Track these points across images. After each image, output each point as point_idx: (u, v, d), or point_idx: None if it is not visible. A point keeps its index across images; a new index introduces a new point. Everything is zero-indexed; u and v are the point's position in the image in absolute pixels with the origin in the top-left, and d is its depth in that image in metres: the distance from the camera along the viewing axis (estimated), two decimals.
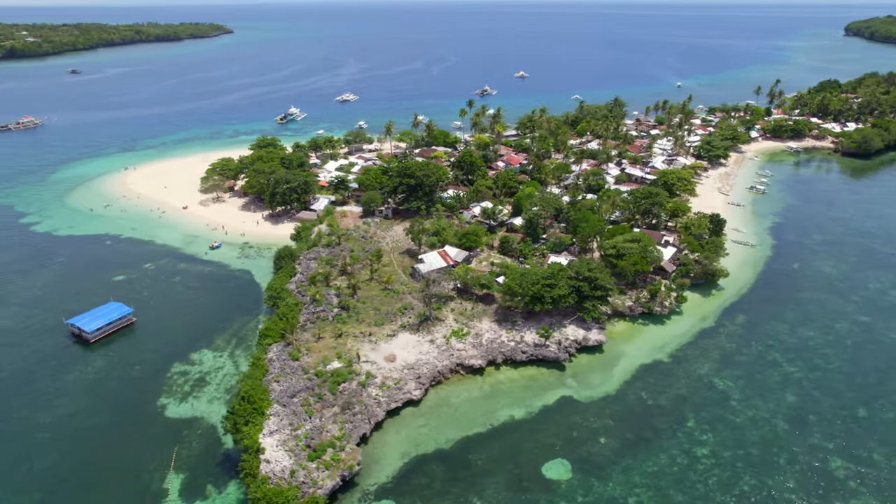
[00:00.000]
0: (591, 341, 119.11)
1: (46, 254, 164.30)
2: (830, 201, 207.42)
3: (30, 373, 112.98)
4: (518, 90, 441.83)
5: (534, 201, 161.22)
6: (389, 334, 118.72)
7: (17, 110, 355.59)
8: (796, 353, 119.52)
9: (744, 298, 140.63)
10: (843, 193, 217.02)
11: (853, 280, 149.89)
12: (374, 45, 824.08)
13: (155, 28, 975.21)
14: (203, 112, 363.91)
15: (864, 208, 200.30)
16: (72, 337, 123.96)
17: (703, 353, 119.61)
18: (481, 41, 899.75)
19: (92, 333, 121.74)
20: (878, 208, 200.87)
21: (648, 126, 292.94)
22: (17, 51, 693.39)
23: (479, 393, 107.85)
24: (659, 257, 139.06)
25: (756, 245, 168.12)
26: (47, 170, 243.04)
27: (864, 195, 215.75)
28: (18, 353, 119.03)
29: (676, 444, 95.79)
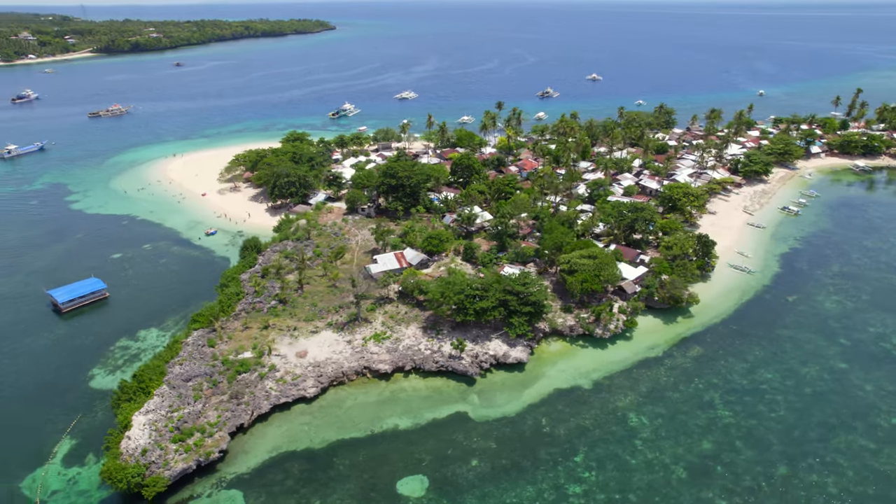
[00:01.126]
0: (510, 358, 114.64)
1: (69, 230, 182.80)
2: (873, 228, 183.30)
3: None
4: (583, 93, 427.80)
5: (504, 209, 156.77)
6: (313, 331, 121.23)
7: (120, 98, 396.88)
8: (739, 396, 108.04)
9: (710, 330, 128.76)
10: (894, 221, 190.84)
11: (852, 321, 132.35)
12: (459, 43, 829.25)
13: (263, 24, 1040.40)
14: (266, 105, 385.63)
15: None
16: (50, 306, 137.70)
17: (632, 384, 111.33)
18: (566, 41, 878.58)
19: (63, 304, 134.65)
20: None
21: (695, 136, 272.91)
22: (140, 45, 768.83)
23: (375, 398, 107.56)
24: (617, 276, 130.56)
25: (754, 272, 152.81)
26: (110, 153, 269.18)
27: None
28: (1, 316, 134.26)
29: (551, 477, 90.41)
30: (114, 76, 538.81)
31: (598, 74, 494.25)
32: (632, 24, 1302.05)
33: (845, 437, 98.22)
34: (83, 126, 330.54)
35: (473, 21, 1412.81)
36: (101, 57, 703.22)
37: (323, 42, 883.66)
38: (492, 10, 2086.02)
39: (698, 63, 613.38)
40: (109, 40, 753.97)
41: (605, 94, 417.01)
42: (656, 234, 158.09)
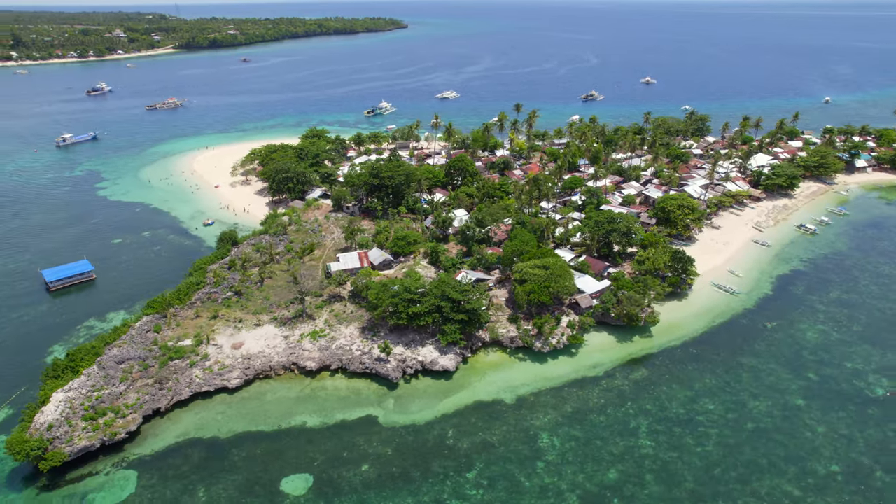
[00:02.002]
0: (437, 366, 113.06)
1: (87, 215, 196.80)
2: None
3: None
4: (631, 97, 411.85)
5: (474, 214, 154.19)
6: (257, 324, 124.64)
7: (185, 92, 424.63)
8: (669, 426, 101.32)
9: (666, 352, 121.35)
10: None
11: (831, 353, 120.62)
12: (521, 43, 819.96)
13: (336, 22, 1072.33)
14: (308, 101, 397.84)
15: None
16: (43, 285, 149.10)
17: (558, 402, 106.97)
18: (634, 44, 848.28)
19: (51, 283, 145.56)
20: None
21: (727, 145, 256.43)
22: (217, 42, 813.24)
23: (296, 394, 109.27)
24: (569, 289, 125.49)
25: (739, 293, 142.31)
26: (151, 144, 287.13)
27: None
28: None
29: (436, 491, 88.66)
30: (184, 71, 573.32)
31: (652, 78, 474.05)
32: (708, 26, 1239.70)
33: (770, 482, 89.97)
34: (139, 117, 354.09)
35: (545, 21, 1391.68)
36: (181, 53, 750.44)
37: (389, 40, 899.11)
38: (567, 9, 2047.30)
39: (769, 67, 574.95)
40: (190, 37, 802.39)
41: (654, 99, 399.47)
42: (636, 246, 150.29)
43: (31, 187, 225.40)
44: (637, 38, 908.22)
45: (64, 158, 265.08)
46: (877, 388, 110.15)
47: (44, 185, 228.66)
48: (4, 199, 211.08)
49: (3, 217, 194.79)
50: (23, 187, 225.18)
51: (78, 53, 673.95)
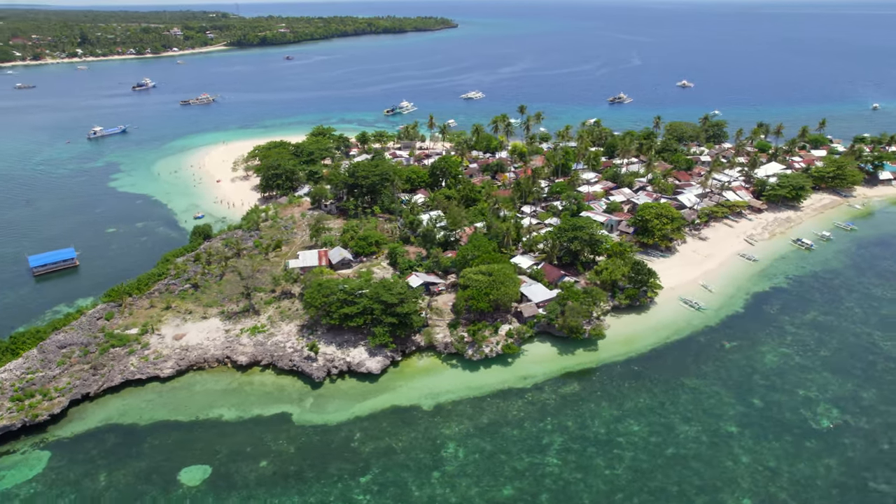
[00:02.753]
0: (363, 368, 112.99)
1: (92, 204, 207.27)
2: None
3: None
4: (662, 100, 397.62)
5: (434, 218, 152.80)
6: (204, 317, 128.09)
7: (226, 88, 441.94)
8: (584, 446, 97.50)
9: (606, 367, 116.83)
10: None
11: (785, 379, 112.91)
12: (566, 44, 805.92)
13: (385, 21, 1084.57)
14: (335, 99, 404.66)
15: None
16: (29, 270, 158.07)
17: (475, 413, 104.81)
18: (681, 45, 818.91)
19: (34, 269, 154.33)
20: None
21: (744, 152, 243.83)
22: (267, 40, 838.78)
23: (222, 387, 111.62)
24: (511, 296, 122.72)
25: (706, 309, 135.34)
26: (173, 138, 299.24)
27: None
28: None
29: (325, 493, 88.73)
30: (229, 68, 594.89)
31: (689, 81, 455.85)
32: (768, 27, 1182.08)
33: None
34: (172, 112, 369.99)
35: (604, 21, 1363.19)
36: (232, 50, 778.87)
37: (434, 39, 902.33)
38: (632, 10, 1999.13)
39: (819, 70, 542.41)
40: (241, 35, 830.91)
41: (684, 102, 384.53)
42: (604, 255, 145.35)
43: (51, 177, 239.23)
44: (690, 40, 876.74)
45: (90, 150, 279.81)
46: (823, 420, 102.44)
47: (63, 174, 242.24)
48: (23, 187, 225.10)
49: (16, 204, 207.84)
50: (43, 176, 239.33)
51: (136, 50, 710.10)
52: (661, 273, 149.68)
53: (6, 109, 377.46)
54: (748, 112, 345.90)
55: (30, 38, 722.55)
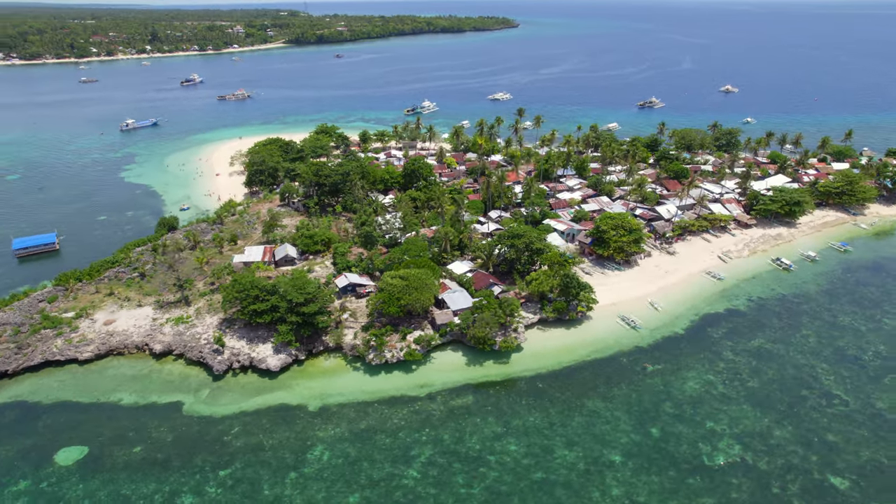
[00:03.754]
0: (263, 364, 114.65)
1: (95, 193, 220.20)
2: (875, 305, 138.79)
3: None
4: (696, 106, 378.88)
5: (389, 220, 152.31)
6: (139, 304, 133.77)
7: (268, 85, 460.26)
8: (452, 461, 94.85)
9: (508, 383, 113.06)
10: None
11: (698, 409, 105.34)
12: (620, 46, 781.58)
13: (444, 20, 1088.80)
14: (361, 97, 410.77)
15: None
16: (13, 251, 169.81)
17: (357, 417, 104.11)
18: (739, 47, 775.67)
19: (16, 250, 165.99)
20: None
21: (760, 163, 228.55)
22: (324, 38, 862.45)
23: (133, 372, 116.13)
24: (422, 303, 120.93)
25: (641, 329, 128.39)
26: (196, 131, 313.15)
27: None
28: None
29: (181, 482, 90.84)
30: (279, 65, 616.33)
31: (733, 86, 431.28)
32: (842, 27, 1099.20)
33: None
34: (207, 107, 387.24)
35: (666, 22, 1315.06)
36: (290, 48, 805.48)
37: (489, 39, 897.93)
38: (699, 10, 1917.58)
39: (888, 74, 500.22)
40: (300, 33, 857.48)
41: (719, 109, 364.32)
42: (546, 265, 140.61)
43: (73, 165, 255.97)
44: (757, 42, 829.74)
45: (117, 141, 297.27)
46: (719, 456, 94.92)
47: (84, 163, 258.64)
48: (42, 174, 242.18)
49: (30, 189, 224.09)
50: (66, 165, 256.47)
51: (199, 47, 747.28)
52: (612, 287, 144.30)
53: (65, 102, 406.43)
54: (786, 120, 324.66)
55: (107, 36, 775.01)
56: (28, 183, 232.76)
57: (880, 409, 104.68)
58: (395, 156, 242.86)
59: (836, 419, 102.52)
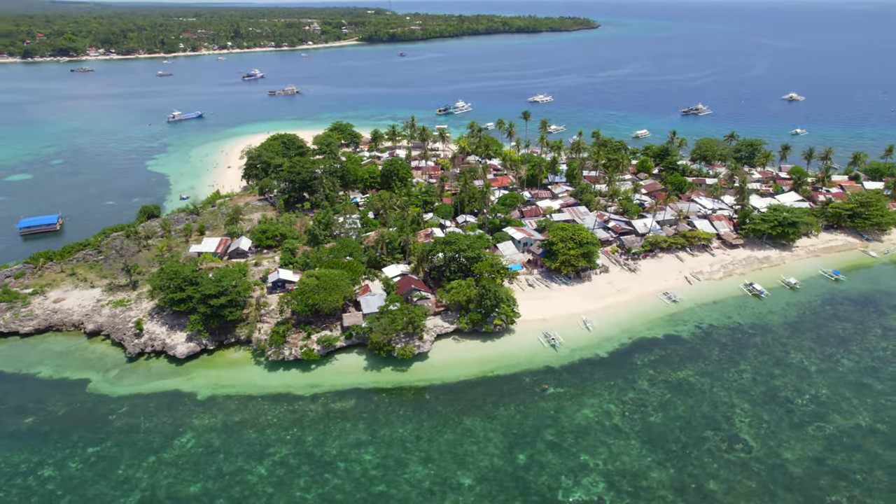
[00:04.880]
0: (173, 350, 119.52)
1: (115, 179, 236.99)
2: (838, 343, 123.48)
3: None
4: (749, 115, 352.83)
5: (317, 217, 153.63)
6: (92, 286, 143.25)
7: (323, 81, 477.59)
8: (301, 462, 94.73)
9: (397, 391, 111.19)
10: (881, 349, 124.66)
11: (580, 442, 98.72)
12: (695, 50, 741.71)
13: (520, 20, 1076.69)
14: (402, 96, 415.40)
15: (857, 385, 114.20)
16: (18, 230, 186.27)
17: (237, 410, 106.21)
18: (831, 52, 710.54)
19: (20, 229, 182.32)
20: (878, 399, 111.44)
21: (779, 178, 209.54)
22: (396, 36, 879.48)
23: (61, 348, 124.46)
24: (331, 304, 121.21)
25: (560, 347, 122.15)
26: (234, 124, 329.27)
27: None
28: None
29: (51, 454, 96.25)
30: (343, 62, 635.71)
31: (799, 94, 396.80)
32: None
33: None
34: (256, 101, 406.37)
35: (756, 25, 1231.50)
36: (362, 45, 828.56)
37: (562, 40, 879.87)
38: (800, 10, 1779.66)
39: None
40: (373, 31, 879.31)
41: (773, 118, 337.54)
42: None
43: (111, 153, 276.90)
44: (850, 45, 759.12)
45: (160, 132, 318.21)
46: (577, 492, 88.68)
47: (121, 151, 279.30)
48: (83, 160, 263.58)
49: (66, 173, 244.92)
50: (106, 152, 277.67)
51: (275, 44, 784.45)
52: (551, 302, 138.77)
53: (134, 94, 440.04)
54: (844, 133, 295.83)
55: (196, 33, 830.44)
56: (67, 168, 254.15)
57: (785, 460, 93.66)
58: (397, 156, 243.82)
59: (728, 466, 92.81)
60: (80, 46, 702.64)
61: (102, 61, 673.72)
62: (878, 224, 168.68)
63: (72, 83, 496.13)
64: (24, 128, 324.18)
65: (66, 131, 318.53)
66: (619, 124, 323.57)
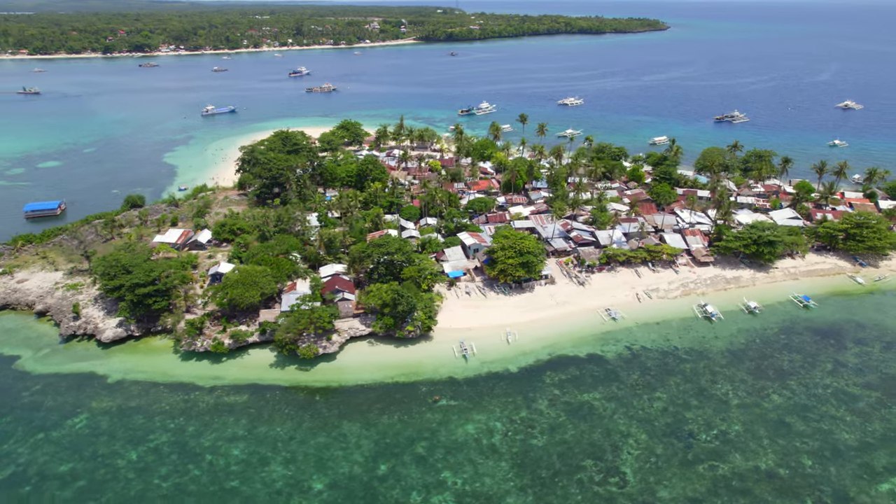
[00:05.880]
0: (101, 335, 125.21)
1: (130, 169, 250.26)
2: (778, 376, 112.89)
3: None
4: (792, 124, 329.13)
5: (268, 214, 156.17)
6: (56, 269, 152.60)
7: (363, 80, 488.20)
8: (171, 451, 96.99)
9: (293, 390, 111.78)
10: (828, 387, 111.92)
11: (452, 457, 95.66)
12: (758, 54, 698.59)
13: (583, 21, 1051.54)
14: (432, 95, 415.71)
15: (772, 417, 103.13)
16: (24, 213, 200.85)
17: (136, 394, 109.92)
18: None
19: (26, 212, 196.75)
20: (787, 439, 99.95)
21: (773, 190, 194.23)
22: (453, 35, 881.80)
23: (10, 325, 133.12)
24: (248, 299, 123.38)
25: (470, 359, 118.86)
26: (262, 119, 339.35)
27: None
28: None
29: None
30: (390, 60, 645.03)
31: (856, 102, 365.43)
32: None
33: None
34: (292, 97, 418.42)
35: (844, 26, 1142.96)
36: (419, 44, 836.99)
37: (620, 42, 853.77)
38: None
39: None
40: (431, 30, 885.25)
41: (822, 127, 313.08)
42: None
43: (139, 144, 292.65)
44: None
45: (191, 125, 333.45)
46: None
47: (149, 142, 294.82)
48: (111, 149, 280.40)
49: (90, 161, 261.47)
50: (135, 143, 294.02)
51: (333, 41, 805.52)
52: (483, 311, 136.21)
53: (186, 88, 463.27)
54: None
55: (261, 30, 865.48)
56: (93, 157, 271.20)
57: (658, 498, 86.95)
58: (393, 155, 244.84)
59: (593, 499, 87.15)
60: (154, 43, 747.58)
61: (172, 57, 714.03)
62: (873, 248, 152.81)
63: (134, 77, 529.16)
64: (73, 118, 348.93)
65: (109, 122, 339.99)
66: (643, 129, 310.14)
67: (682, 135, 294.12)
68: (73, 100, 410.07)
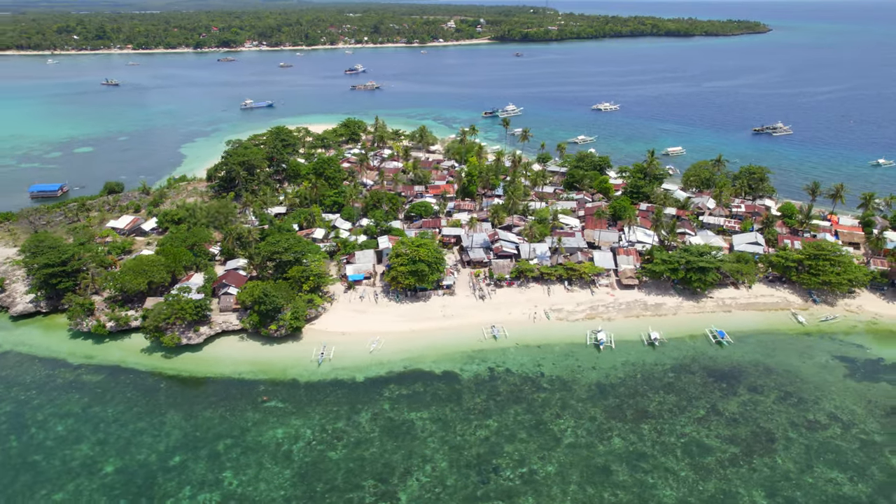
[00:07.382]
0: (11, 309, 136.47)
1: (146, 158, 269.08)
2: (638, 419, 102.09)
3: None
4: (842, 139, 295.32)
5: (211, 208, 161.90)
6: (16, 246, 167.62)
7: (415, 79, 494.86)
8: (21, 431, 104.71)
9: (146, 376, 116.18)
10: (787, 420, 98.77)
11: (247, 449, 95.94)
12: (850, 60, 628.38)
13: (672, 23, 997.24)
14: (469, 96, 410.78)
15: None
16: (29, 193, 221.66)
17: (9, 365, 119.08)
18: None
19: (31, 192, 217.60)
20: None
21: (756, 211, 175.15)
22: (528, 36, 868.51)
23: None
24: (134, 287, 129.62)
25: (321, 362, 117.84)
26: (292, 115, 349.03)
27: None
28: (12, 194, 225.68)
29: None
30: (452, 60, 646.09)
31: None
32: None
33: None
34: (335, 94, 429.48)
35: None
36: (493, 44, 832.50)
37: (705, 46, 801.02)
38: None
39: None
40: (506, 30, 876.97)
41: (876, 146, 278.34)
42: None
43: (169, 134, 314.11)
44: None
45: (227, 117, 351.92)
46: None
47: (178, 133, 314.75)
48: (141, 138, 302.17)
49: (118, 149, 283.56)
50: (165, 133, 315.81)
51: (406, 40, 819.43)
52: (366, 317, 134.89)
53: (245, 83, 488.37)
54: None
55: (340, 27, 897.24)
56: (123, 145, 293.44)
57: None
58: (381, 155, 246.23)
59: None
60: (240, 39, 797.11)
61: (254, 52, 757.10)
62: (828, 283, 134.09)
63: (208, 72, 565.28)
64: (126, 108, 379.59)
65: (155, 113, 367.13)
66: (662, 139, 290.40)
67: (707, 146, 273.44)
68: (136, 91, 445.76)
